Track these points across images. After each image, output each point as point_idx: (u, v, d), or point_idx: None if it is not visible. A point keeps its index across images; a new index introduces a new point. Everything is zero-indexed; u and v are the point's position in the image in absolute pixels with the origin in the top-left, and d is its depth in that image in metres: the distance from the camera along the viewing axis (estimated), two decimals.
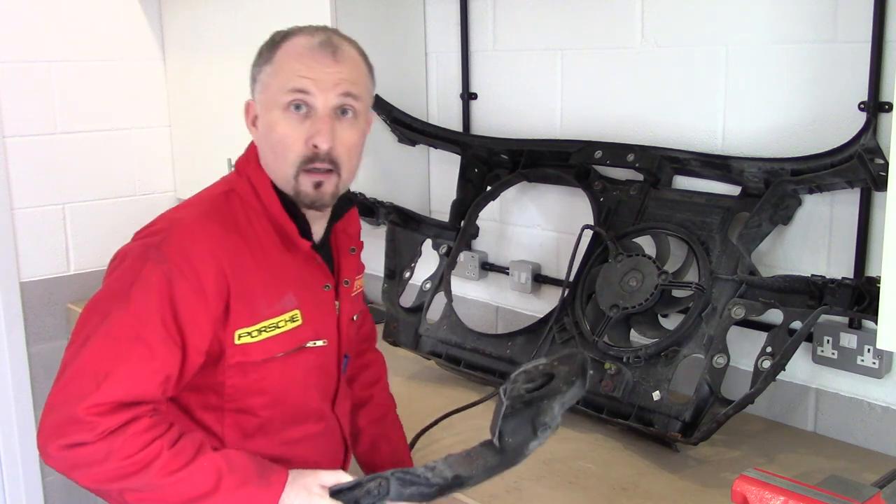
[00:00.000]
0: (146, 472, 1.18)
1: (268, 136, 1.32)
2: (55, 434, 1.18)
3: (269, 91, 1.31)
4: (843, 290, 1.58)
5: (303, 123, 1.29)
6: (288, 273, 1.34)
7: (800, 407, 1.85)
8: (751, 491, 1.23)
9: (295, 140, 1.29)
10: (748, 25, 1.81)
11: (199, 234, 1.27)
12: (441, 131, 2.37)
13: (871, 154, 1.56)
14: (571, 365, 1.33)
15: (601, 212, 2.00)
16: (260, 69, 1.34)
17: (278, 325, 1.32)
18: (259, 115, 1.34)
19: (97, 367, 1.19)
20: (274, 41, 1.33)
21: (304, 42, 1.30)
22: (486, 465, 1.35)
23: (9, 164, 2.73)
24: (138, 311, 1.21)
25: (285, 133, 1.30)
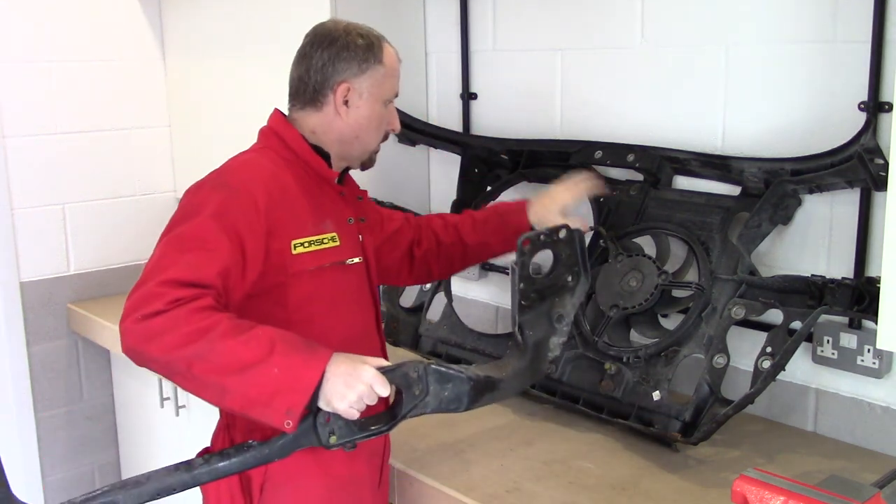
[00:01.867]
0: (209, 335, 1.31)
1: (366, 118, 1.60)
2: (133, 308, 1.34)
3: (382, 88, 1.61)
4: (843, 290, 1.58)
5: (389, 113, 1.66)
6: (324, 204, 1.59)
7: (800, 407, 1.85)
8: (751, 491, 1.23)
9: (382, 126, 1.65)
10: (748, 25, 1.81)
11: (252, 166, 1.54)
12: (441, 131, 2.37)
13: (870, 154, 1.56)
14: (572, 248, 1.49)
15: (601, 212, 2.00)
16: (370, 65, 1.59)
17: (323, 241, 1.55)
18: (358, 100, 1.59)
19: (168, 257, 1.40)
20: (372, 43, 1.60)
21: (394, 53, 1.64)
22: (515, 367, 1.43)
23: (9, 164, 2.73)
24: (203, 218, 1.43)
25: (381, 120, 1.63)
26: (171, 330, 1.31)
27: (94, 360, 2.98)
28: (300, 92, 1.60)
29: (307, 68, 1.58)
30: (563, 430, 1.87)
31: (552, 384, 1.93)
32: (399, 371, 1.37)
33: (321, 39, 1.59)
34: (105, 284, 2.96)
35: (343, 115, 1.59)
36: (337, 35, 1.58)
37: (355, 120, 1.60)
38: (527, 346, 1.45)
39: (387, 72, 1.61)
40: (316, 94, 1.58)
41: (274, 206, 1.49)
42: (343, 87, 1.57)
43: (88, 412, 2.98)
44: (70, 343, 2.92)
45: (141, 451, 2.92)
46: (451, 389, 1.38)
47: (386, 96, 1.63)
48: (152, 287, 1.35)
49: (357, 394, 1.33)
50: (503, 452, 1.78)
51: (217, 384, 1.33)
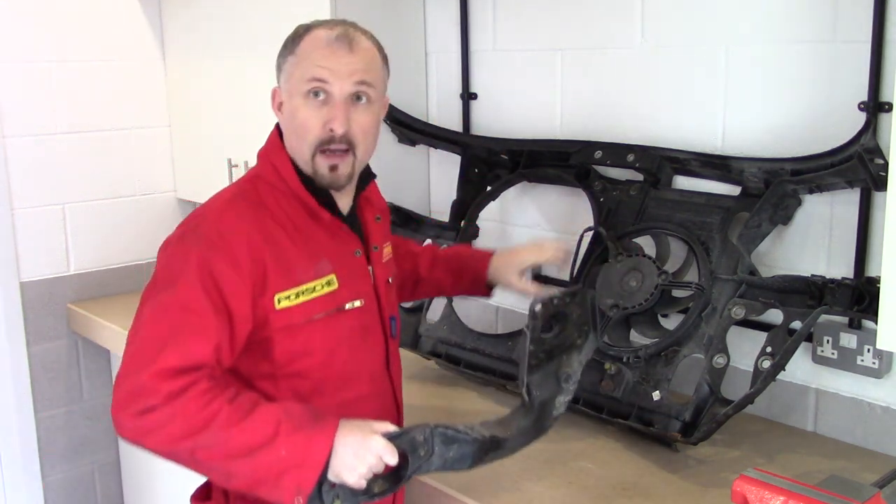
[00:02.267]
0: (210, 426, 1.27)
1: (291, 120, 1.45)
2: (126, 403, 1.29)
3: (293, 80, 1.43)
4: (843, 290, 1.58)
5: (321, 109, 1.42)
6: (320, 242, 1.46)
7: (800, 407, 1.85)
8: (751, 491, 1.23)
9: (314, 124, 1.42)
10: (748, 25, 1.81)
11: (230, 212, 1.40)
12: (441, 131, 2.37)
13: (870, 154, 1.56)
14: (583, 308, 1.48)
15: (601, 212, 2.00)
16: (284, 59, 1.46)
17: (315, 288, 1.43)
18: (284, 101, 1.47)
19: (155, 339, 1.32)
20: (297, 33, 1.46)
21: (323, 35, 1.43)
22: (520, 426, 1.43)
23: (9, 164, 2.73)
24: (185, 287, 1.33)
25: (306, 117, 1.42)
26: (169, 424, 1.28)
27: (94, 360, 2.97)
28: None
29: None
30: (562, 430, 1.87)
31: None
32: (406, 437, 1.34)
33: None
34: (105, 284, 2.96)
35: (280, 119, 1.49)
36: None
37: (287, 121, 1.46)
38: (533, 406, 1.45)
39: (297, 60, 1.43)
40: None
41: (256, 259, 1.37)
42: (273, 91, 1.50)
43: (88, 412, 2.98)
44: (70, 343, 2.92)
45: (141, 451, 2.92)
46: (455, 450, 1.36)
47: (298, 87, 1.42)
48: (145, 380, 1.28)
49: (367, 466, 1.30)
50: None
51: (222, 469, 1.31)
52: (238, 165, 2.62)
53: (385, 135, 2.44)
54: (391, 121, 2.40)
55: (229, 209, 1.41)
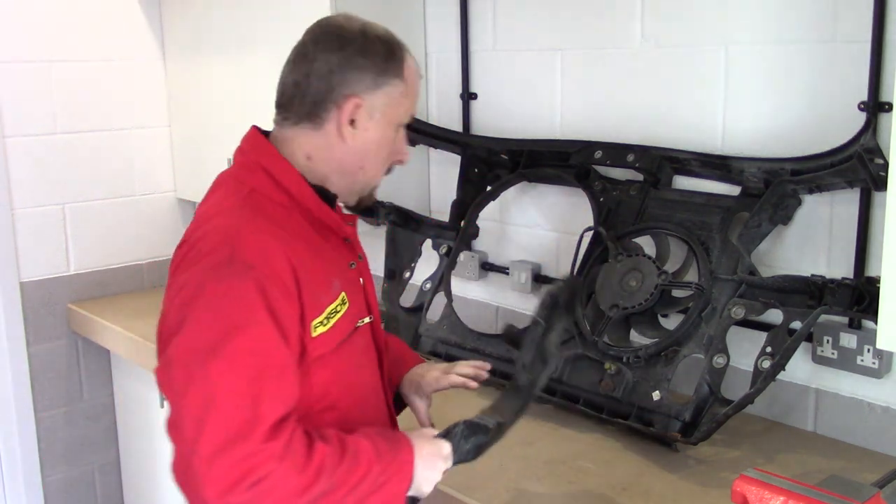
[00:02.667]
0: (321, 473, 1.17)
1: (377, 143, 1.33)
2: (236, 482, 1.11)
3: (400, 109, 1.33)
4: (843, 290, 1.58)
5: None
6: (328, 258, 1.33)
7: (800, 407, 1.85)
8: (751, 491, 1.23)
9: (391, 155, 1.37)
10: (748, 25, 1.81)
11: (264, 233, 1.23)
12: (441, 131, 2.37)
13: (870, 154, 1.56)
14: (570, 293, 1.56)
15: (601, 212, 2.01)
16: (388, 81, 1.30)
17: (337, 310, 1.31)
18: (368, 120, 1.30)
19: (242, 395, 1.14)
20: (395, 54, 1.32)
21: (414, 66, 1.35)
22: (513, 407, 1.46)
23: (9, 164, 2.73)
24: (252, 326, 1.17)
25: (390, 148, 1.36)
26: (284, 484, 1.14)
27: (94, 360, 2.97)
28: (294, 102, 1.30)
29: (307, 73, 1.28)
30: (563, 430, 1.87)
31: (552, 384, 1.93)
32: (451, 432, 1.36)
33: (329, 38, 1.29)
34: (105, 284, 2.96)
35: (348, 137, 1.29)
36: (351, 36, 1.29)
37: (362, 145, 1.31)
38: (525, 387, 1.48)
39: (406, 90, 1.32)
40: (315, 108, 1.29)
41: (295, 283, 1.23)
42: (352, 101, 1.28)
43: (88, 412, 2.98)
44: (70, 343, 2.92)
45: (141, 451, 2.92)
46: (472, 442, 1.35)
47: (400, 119, 1.34)
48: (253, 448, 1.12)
49: (441, 474, 1.30)
50: (503, 452, 1.77)
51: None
52: None
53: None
54: None
55: (259, 229, 1.24)
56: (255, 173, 1.31)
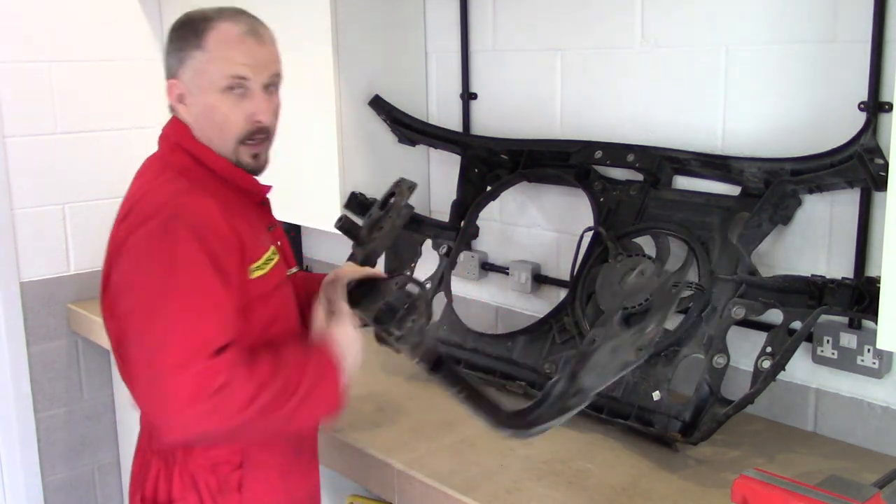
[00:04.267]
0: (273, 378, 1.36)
1: (208, 115, 1.47)
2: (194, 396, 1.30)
3: (207, 75, 1.45)
4: (843, 290, 1.58)
5: (241, 103, 1.47)
6: (254, 220, 1.53)
7: (800, 407, 1.85)
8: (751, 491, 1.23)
9: (237, 117, 1.47)
10: (748, 25, 1.81)
11: (195, 197, 1.42)
12: (441, 131, 2.37)
13: (870, 154, 1.56)
14: None
15: (601, 212, 2.00)
16: (188, 53, 1.45)
17: (271, 258, 1.51)
18: (190, 94, 1.48)
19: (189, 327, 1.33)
20: (197, 26, 1.45)
21: (233, 29, 1.45)
22: None
23: (9, 164, 2.73)
24: (192, 270, 1.36)
25: (228, 112, 1.46)
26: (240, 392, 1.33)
27: (94, 360, 2.97)
28: None
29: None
30: (563, 430, 1.87)
31: None
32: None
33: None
34: None
35: (185, 114, 1.50)
36: (171, 28, 1.50)
37: (199, 115, 1.48)
38: None
39: (209, 56, 1.45)
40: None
41: (233, 234, 1.43)
42: (168, 84, 1.50)
43: (88, 412, 2.98)
44: (70, 343, 2.92)
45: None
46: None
47: (217, 83, 1.45)
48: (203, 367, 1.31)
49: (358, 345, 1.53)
50: (503, 452, 1.78)
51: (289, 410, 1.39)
52: None
53: (385, 135, 2.44)
54: (391, 121, 2.40)
55: (191, 194, 1.43)
56: (178, 154, 1.50)
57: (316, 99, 2.34)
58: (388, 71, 2.42)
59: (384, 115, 2.39)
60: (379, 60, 2.39)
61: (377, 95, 2.38)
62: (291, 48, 1.62)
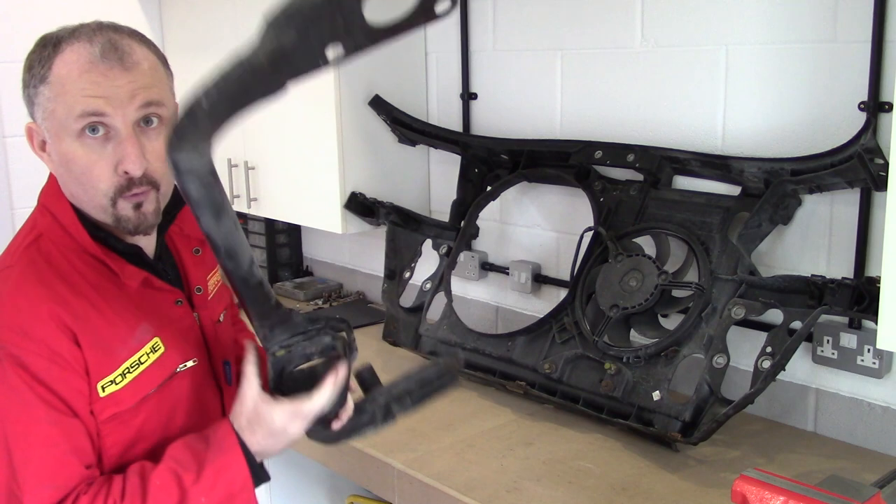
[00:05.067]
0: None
1: (68, 166, 1.15)
2: None
3: (56, 117, 1.14)
4: (843, 290, 1.58)
5: (105, 147, 1.14)
6: (132, 302, 1.19)
7: (800, 407, 1.85)
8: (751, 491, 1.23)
9: (102, 169, 1.14)
10: (748, 25, 1.81)
11: (19, 298, 1.11)
12: (441, 131, 2.37)
13: (870, 154, 1.56)
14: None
15: (601, 212, 2.00)
16: (35, 89, 1.17)
17: (140, 360, 1.18)
18: (49, 141, 1.17)
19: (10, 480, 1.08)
20: (43, 54, 1.17)
21: (83, 52, 1.15)
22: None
23: (9, 164, 2.73)
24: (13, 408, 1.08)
25: (88, 163, 1.14)
26: None
27: None
28: None
29: None
30: (563, 430, 1.87)
31: (552, 384, 1.93)
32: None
33: None
34: None
35: (48, 162, 1.20)
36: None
37: (59, 167, 1.17)
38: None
39: (56, 90, 1.14)
40: None
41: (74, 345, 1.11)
42: (28, 129, 1.21)
43: None
44: None
45: None
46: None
47: (65, 125, 1.13)
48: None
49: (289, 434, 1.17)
50: (503, 452, 1.78)
51: None
52: (238, 165, 2.62)
53: (385, 135, 2.44)
54: (391, 121, 2.41)
55: (17, 293, 1.11)
56: (44, 216, 1.19)
57: (316, 99, 2.34)
58: (388, 71, 2.42)
59: (384, 115, 2.40)
60: (379, 60, 2.39)
61: (377, 95, 2.38)
62: None
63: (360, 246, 2.88)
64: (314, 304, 2.86)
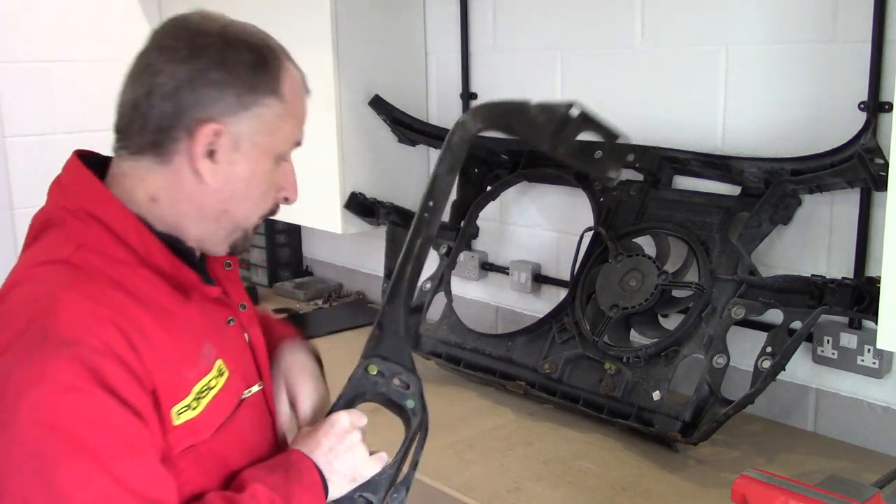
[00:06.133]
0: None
1: (244, 182, 1.03)
2: None
3: (278, 135, 1.04)
4: (843, 290, 1.58)
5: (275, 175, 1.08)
6: (193, 321, 1.04)
7: (800, 407, 1.85)
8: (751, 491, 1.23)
9: (269, 194, 1.08)
10: (748, 25, 1.81)
11: (88, 300, 0.94)
12: (441, 131, 2.37)
13: (870, 154, 1.56)
14: None
15: (601, 212, 2.00)
16: (257, 100, 1.01)
17: (210, 385, 1.03)
18: (234, 152, 1.01)
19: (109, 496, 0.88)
20: (267, 63, 1.03)
21: (297, 76, 1.07)
22: None
23: (9, 164, 2.73)
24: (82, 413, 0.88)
25: (267, 187, 1.06)
26: None
27: None
28: (133, 128, 1.05)
29: (149, 90, 1.01)
30: (563, 430, 1.87)
31: (552, 384, 1.93)
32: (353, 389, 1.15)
33: (177, 45, 0.99)
34: None
35: (206, 174, 1.00)
36: (206, 41, 1.00)
37: (226, 183, 1.01)
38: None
39: (286, 110, 1.03)
40: (160, 136, 1.00)
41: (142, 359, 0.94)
42: (209, 128, 0.98)
43: None
44: None
45: None
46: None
47: (280, 148, 1.05)
48: None
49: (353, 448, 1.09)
50: (503, 452, 1.78)
51: None
52: None
53: (385, 135, 2.44)
54: (391, 121, 2.40)
55: (77, 295, 0.94)
56: (83, 222, 1.01)
57: (316, 99, 2.32)
58: (388, 71, 2.42)
59: (384, 115, 2.39)
60: (379, 60, 2.39)
61: (377, 95, 2.38)
62: (291, 48, 1.61)
63: (360, 246, 2.88)
64: (314, 304, 2.86)
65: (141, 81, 1.02)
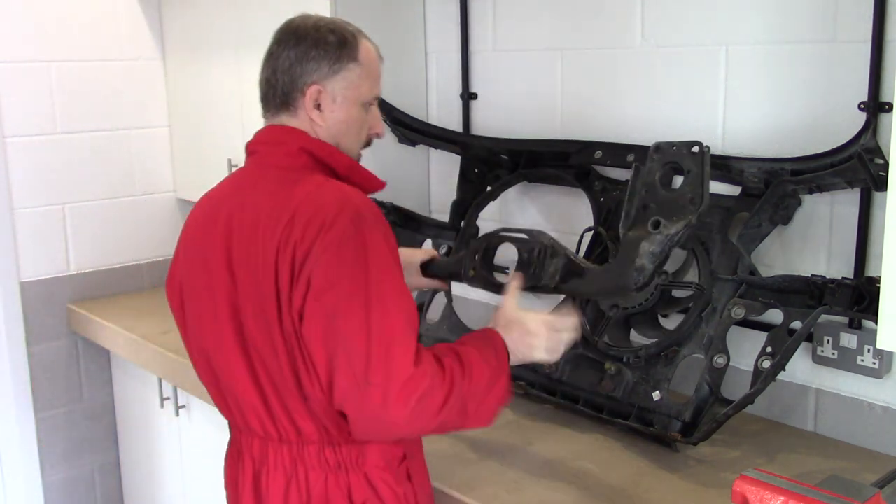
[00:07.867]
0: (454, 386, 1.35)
1: (348, 124, 1.51)
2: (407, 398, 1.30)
3: (360, 90, 1.50)
4: (843, 290, 1.58)
5: (368, 116, 1.56)
6: None
7: (800, 407, 1.85)
8: (751, 491, 1.23)
9: (364, 129, 1.56)
10: (748, 25, 1.81)
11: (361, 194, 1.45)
12: (441, 131, 2.37)
13: (871, 154, 1.56)
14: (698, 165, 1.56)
15: (601, 212, 2.00)
16: (344, 65, 1.47)
17: None
18: (333, 103, 1.48)
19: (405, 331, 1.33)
20: (347, 41, 1.48)
21: (374, 50, 1.53)
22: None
23: (9, 164, 2.73)
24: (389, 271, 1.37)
25: (362, 124, 1.54)
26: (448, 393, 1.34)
27: (94, 360, 2.97)
28: (269, 96, 1.51)
29: (274, 69, 1.48)
30: (563, 430, 1.87)
31: (552, 384, 1.93)
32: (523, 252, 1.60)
33: (287, 37, 1.49)
34: (105, 284, 2.96)
35: (317, 119, 1.49)
36: (305, 32, 1.48)
37: (333, 124, 1.50)
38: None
39: (363, 71, 1.50)
40: (286, 98, 1.48)
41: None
42: (313, 89, 1.47)
43: (88, 412, 2.98)
44: (70, 343, 2.92)
45: (141, 451, 2.92)
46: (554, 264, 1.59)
47: (364, 98, 1.52)
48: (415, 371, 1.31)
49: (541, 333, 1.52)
50: (503, 452, 1.78)
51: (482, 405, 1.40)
52: (238, 165, 2.61)
53: (385, 135, 2.44)
54: (391, 121, 2.40)
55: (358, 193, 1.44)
56: (301, 157, 1.47)
57: None
58: (388, 71, 2.40)
59: (384, 115, 2.39)
60: None
61: None
62: None
63: None
64: None
65: (268, 65, 1.49)
